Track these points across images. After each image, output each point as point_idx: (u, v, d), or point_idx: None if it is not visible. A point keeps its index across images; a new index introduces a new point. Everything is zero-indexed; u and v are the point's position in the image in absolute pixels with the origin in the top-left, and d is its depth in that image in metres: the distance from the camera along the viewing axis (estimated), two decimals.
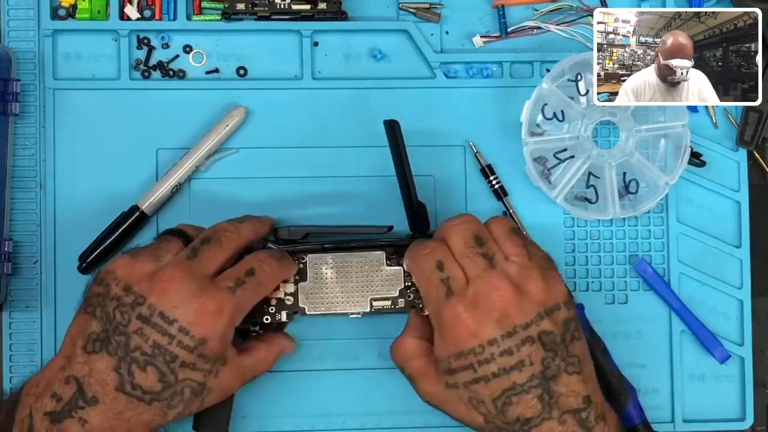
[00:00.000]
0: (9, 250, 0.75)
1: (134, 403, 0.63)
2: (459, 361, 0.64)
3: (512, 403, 0.63)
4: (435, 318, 0.66)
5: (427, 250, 0.66)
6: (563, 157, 0.77)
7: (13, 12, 0.77)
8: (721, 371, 0.79)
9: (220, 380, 0.66)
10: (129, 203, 0.75)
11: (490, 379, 0.63)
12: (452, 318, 0.64)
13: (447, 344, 0.64)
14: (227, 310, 0.64)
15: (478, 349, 0.63)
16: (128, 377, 0.63)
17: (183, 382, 0.64)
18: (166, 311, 0.63)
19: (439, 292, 0.65)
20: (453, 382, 0.65)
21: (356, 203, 0.77)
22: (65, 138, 0.76)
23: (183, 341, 0.63)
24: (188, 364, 0.63)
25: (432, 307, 0.66)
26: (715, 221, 0.79)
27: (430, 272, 0.65)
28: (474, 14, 0.79)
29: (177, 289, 0.63)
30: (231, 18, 0.77)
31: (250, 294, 0.66)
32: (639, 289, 0.79)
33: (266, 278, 0.67)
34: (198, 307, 0.63)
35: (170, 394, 0.64)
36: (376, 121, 0.73)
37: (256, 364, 0.69)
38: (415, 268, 0.67)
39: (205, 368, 0.64)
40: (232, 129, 0.76)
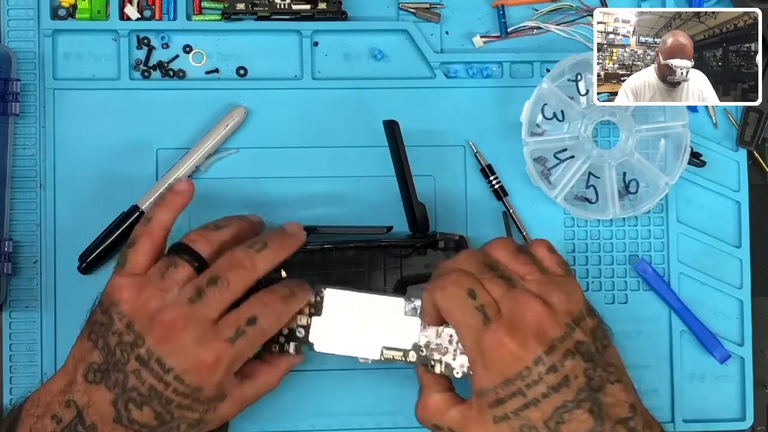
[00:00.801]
0: (9, 250, 0.75)
1: None
2: (507, 389, 0.61)
3: (564, 422, 0.61)
4: (475, 349, 0.62)
5: (452, 280, 0.63)
6: (563, 157, 0.77)
7: (13, 12, 0.77)
8: (721, 371, 0.79)
9: (219, 413, 0.66)
10: (129, 203, 0.75)
11: (540, 400, 0.61)
12: (496, 345, 0.61)
13: (492, 373, 0.62)
14: (225, 361, 0.63)
15: (525, 372, 0.61)
16: (125, 413, 0.63)
17: (179, 419, 0.64)
18: (163, 358, 0.62)
19: (477, 321, 0.62)
20: (502, 414, 0.62)
21: (356, 203, 0.77)
22: (65, 138, 0.76)
23: (178, 388, 0.63)
24: (184, 406, 0.63)
25: (470, 337, 0.62)
26: (715, 221, 0.79)
27: (463, 302, 0.62)
28: (474, 14, 0.79)
29: (175, 337, 0.62)
30: (231, 18, 0.77)
31: (251, 343, 0.64)
32: (639, 289, 0.79)
33: (269, 324, 0.65)
34: (194, 358, 0.62)
35: (167, 429, 0.64)
36: (376, 121, 0.73)
37: (259, 390, 0.68)
38: (445, 299, 0.63)
39: (202, 409, 0.64)
40: (232, 129, 0.76)
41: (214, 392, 0.64)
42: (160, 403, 0.63)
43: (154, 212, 0.67)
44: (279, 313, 0.65)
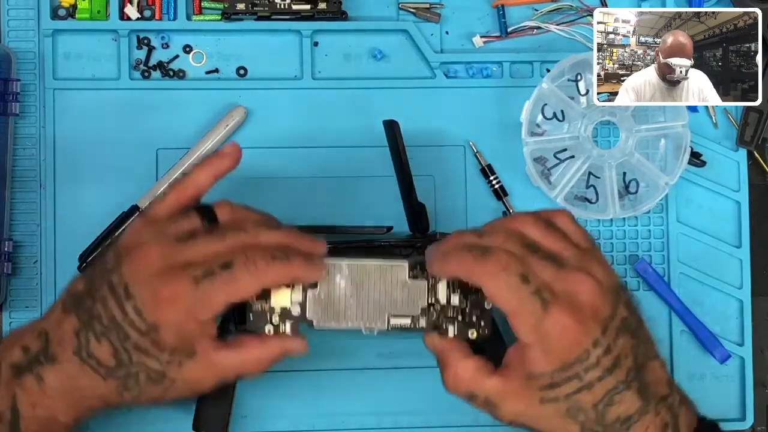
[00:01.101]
0: (9, 250, 0.75)
1: (89, 373, 0.61)
2: (563, 374, 0.59)
3: (614, 403, 0.60)
4: (533, 334, 0.59)
5: (502, 264, 0.59)
6: (563, 157, 0.77)
7: (13, 12, 0.77)
8: (721, 371, 0.79)
9: (186, 373, 0.61)
10: (129, 203, 0.75)
11: (594, 384, 0.59)
12: (560, 330, 0.59)
13: (551, 358, 0.59)
14: (184, 301, 0.59)
15: (584, 356, 0.59)
16: (85, 343, 0.61)
17: (138, 365, 0.60)
18: (130, 285, 0.60)
19: (535, 306, 0.58)
20: (553, 397, 0.60)
21: (356, 203, 0.77)
22: (65, 138, 0.76)
23: (135, 322, 0.60)
24: (141, 348, 0.60)
25: (528, 323, 0.59)
26: (715, 221, 0.79)
27: (518, 288, 0.59)
28: (474, 14, 0.79)
29: (145, 267, 0.60)
30: (231, 18, 0.77)
31: (219, 289, 0.59)
32: (639, 289, 0.79)
33: (244, 279, 0.60)
34: (153, 290, 0.59)
35: (124, 375, 0.61)
36: (376, 121, 0.73)
37: (241, 363, 0.63)
38: (498, 287, 0.59)
39: (162, 358, 0.60)
40: (232, 129, 0.76)
41: (174, 339, 0.60)
42: (118, 336, 0.60)
43: (192, 170, 0.65)
44: (260, 271, 0.60)
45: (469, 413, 0.65)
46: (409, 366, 0.77)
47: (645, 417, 0.61)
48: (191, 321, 0.60)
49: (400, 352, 0.77)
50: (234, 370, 0.63)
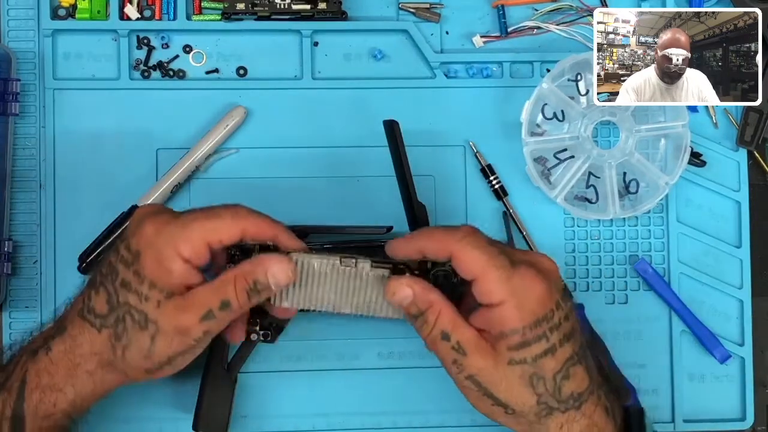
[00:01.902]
0: (9, 250, 0.75)
1: (87, 328, 0.63)
2: (534, 331, 0.61)
3: (570, 376, 0.62)
4: (505, 289, 0.61)
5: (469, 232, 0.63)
6: (563, 157, 0.77)
7: (13, 12, 0.77)
8: (721, 371, 0.79)
9: (166, 315, 0.62)
10: (129, 203, 0.75)
11: (557, 348, 0.62)
12: (529, 282, 0.62)
13: (524, 312, 0.61)
14: (166, 229, 0.62)
15: (549, 314, 0.62)
16: (87, 301, 0.64)
17: (124, 306, 0.62)
18: (127, 233, 0.64)
19: (504, 262, 0.62)
20: (520, 358, 0.62)
21: (356, 203, 0.77)
22: (65, 138, 0.76)
23: (124, 256, 0.63)
24: (125, 283, 0.62)
25: (498, 279, 0.61)
26: (715, 221, 0.79)
27: (485, 248, 0.62)
28: (474, 14, 0.79)
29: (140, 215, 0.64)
30: (231, 18, 0.77)
31: (199, 223, 0.62)
32: (639, 289, 0.79)
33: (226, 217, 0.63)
34: (141, 223, 0.63)
35: (114, 319, 0.63)
36: (376, 121, 0.73)
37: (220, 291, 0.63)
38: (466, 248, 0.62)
39: (142, 291, 0.62)
40: (232, 129, 0.76)
41: (153, 266, 0.62)
42: (111, 279, 0.63)
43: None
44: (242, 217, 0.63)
45: (469, 413, 0.65)
46: (409, 366, 0.77)
47: (591, 397, 0.64)
48: (172, 251, 0.62)
49: (400, 352, 0.77)
50: (216, 300, 0.63)
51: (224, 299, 0.63)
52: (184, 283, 0.63)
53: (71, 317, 0.65)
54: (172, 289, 0.62)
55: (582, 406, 0.63)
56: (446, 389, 0.66)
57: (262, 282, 0.63)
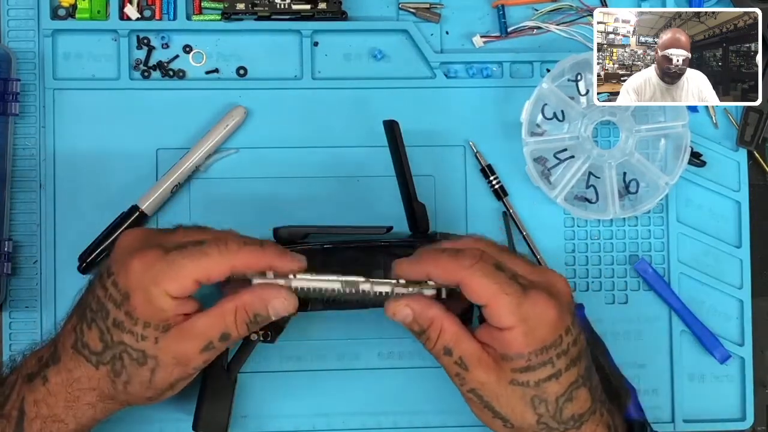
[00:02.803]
0: (9, 250, 0.75)
1: (83, 363, 0.63)
2: (540, 357, 0.61)
3: (572, 399, 0.62)
4: (515, 316, 0.60)
5: (476, 258, 0.61)
6: (563, 157, 0.77)
7: (13, 12, 0.77)
8: (721, 371, 0.79)
9: (165, 349, 0.61)
10: (129, 203, 0.75)
11: (562, 374, 0.61)
12: (541, 308, 0.60)
13: (531, 339, 0.60)
14: (152, 268, 0.60)
15: (558, 341, 0.61)
16: (80, 335, 0.63)
17: (119, 345, 0.61)
18: (111, 265, 0.62)
19: (514, 289, 0.60)
20: (524, 380, 0.61)
21: (356, 203, 0.77)
22: (65, 138, 0.76)
23: (113, 295, 0.61)
24: (118, 323, 0.61)
25: (508, 305, 0.60)
26: (715, 221, 0.79)
27: (494, 274, 0.60)
28: (474, 14, 0.79)
29: (125, 245, 0.62)
30: (231, 18, 0.77)
31: (187, 260, 0.60)
32: (639, 289, 0.79)
33: (214, 253, 0.60)
34: (128, 260, 0.61)
35: (111, 357, 0.62)
36: (376, 121, 0.73)
37: (219, 321, 0.62)
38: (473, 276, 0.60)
39: (137, 332, 0.61)
40: (232, 129, 0.76)
41: (144, 307, 0.60)
42: (101, 316, 0.61)
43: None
44: (231, 251, 0.61)
45: (469, 414, 0.65)
46: (409, 366, 0.77)
47: (593, 417, 0.63)
48: (161, 291, 0.60)
49: (400, 352, 0.77)
50: (215, 332, 0.62)
51: (224, 332, 0.62)
52: (178, 314, 0.62)
53: (65, 347, 0.63)
54: (168, 324, 0.61)
55: (582, 426, 0.63)
56: (446, 389, 0.66)
57: (262, 315, 0.62)
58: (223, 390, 0.73)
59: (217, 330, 0.62)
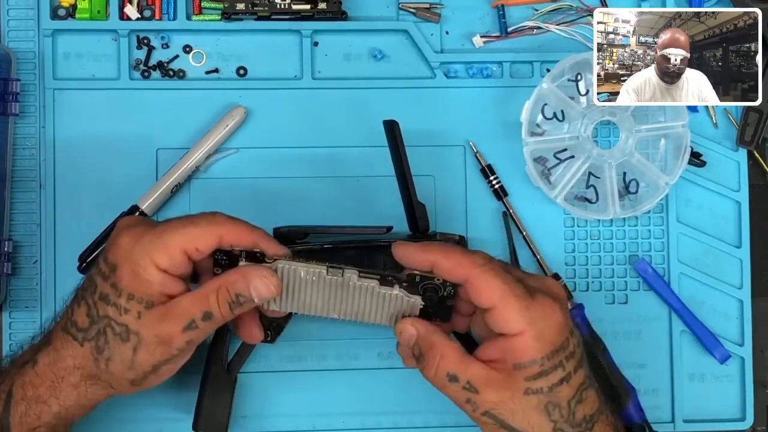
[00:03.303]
0: (9, 250, 0.75)
1: (70, 341, 0.63)
2: (551, 361, 0.61)
3: (582, 401, 0.62)
4: (523, 319, 0.60)
5: (486, 260, 0.61)
6: (563, 157, 0.77)
7: (13, 12, 0.77)
8: (721, 371, 0.79)
9: (148, 325, 0.61)
10: (129, 203, 0.75)
11: (572, 376, 0.61)
12: (549, 311, 0.61)
13: (542, 343, 0.60)
14: (142, 240, 0.61)
15: (565, 343, 0.61)
16: (70, 315, 0.64)
17: (104, 319, 0.62)
18: (106, 248, 0.64)
19: (521, 291, 0.61)
20: (538, 387, 0.61)
21: (356, 203, 0.77)
22: (65, 138, 0.76)
23: (102, 269, 0.63)
24: (104, 296, 0.62)
25: (517, 308, 0.60)
26: (715, 221, 0.79)
27: (503, 276, 0.61)
28: (474, 14, 0.79)
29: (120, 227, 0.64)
30: (231, 18, 0.77)
31: (175, 231, 0.62)
32: (639, 289, 0.79)
33: (202, 223, 0.62)
34: (118, 235, 0.62)
35: (95, 333, 0.62)
36: (376, 121, 0.73)
37: (202, 300, 0.62)
38: (483, 276, 0.61)
39: (120, 304, 0.61)
40: (232, 129, 0.76)
41: (130, 278, 0.61)
42: (90, 292, 0.63)
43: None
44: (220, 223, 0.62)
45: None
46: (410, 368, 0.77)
47: (602, 417, 0.63)
48: (149, 263, 0.61)
49: None
50: (197, 311, 0.62)
51: (207, 310, 0.62)
52: (164, 293, 0.62)
53: (56, 330, 0.65)
54: (152, 299, 0.62)
55: (594, 427, 0.63)
56: None
57: (244, 295, 0.62)
58: (223, 390, 0.73)
59: (199, 308, 0.62)
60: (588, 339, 0.76)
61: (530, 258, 0.78)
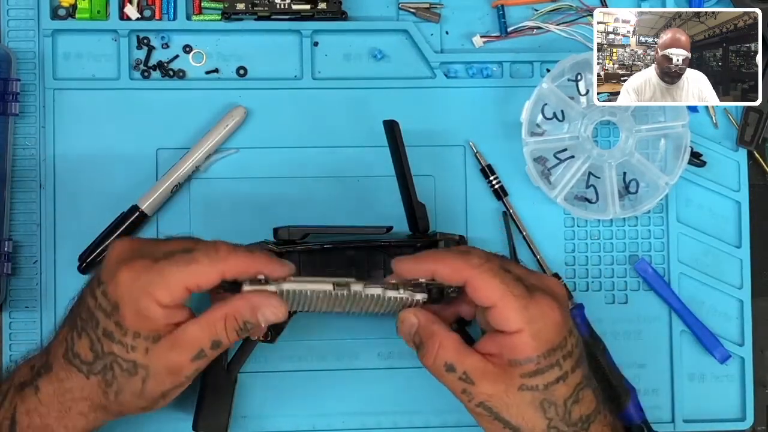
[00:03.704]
0: (9, 250, 0.75)
1: (74, 373, 0.62)
2: (548, 359, 0.61)
3: (579, 400, 0.62)
4: (522, 317, 0.60)
5: (483, 260, 0.61)
6: (563, 157, 0.77)
7: (13, 12, 0.77)
8: (721, 371, 0.79)
9: (156, 358, 0.61)
10: (129, 203, 0.75)
11: (569, 375, 0.61)
12: (547, 310, 0.61)
13: (539, 341, 0.60)
14: (141, 277, 0.59)
15: (563, 342, 0.61)
16: (71, 344, 0.62)
17: (110, 355, 0.61)
18: (102, 276, 0.62)
19: (520, 290, 0.61)
20: (533, 385, 0.61)
21: (356, 203, 0.77)
22: (65, 138, 0.76)
23: (102, 304, 0.61)
24: (108, 333, 0.61)
25: (516, 307, 0.60)
26: (715, 221, 0.79)
27: (502, 274, 0.61)
28: (474, 14, 0.79)
29: (116, 255, 0.62)
30: (231, 18, 0.77)
31: (176, 268, 0.60)
32: (639, 289, 0.79)
33: (204, 260, 0.60)
34: (117, 270, 0.60)
35: (102, 367, 0.61)
36: (376, 121, 0.73)
37: (209, 328, 0.61)
38: (481, 276, 0.61)
39: (126, 342, 0.60)
40: (232, 129, 0.76)
41: (133, 317, 0.60)
42: (92, 326, 0.61)
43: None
44: (221, 258, 0.60)
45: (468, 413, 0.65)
46: (409, 366, 0.77)
47: (599, 417, 0.63)
48: (151, 300, 0.60)
49: (400, 352, 0.77)
50: (206, 340, 0.62)
51: (215, 339, 0.62)
52: (169, 323, 0.61)
53: (56, 356, 0.63)
54: (159, 333, 0.61)
55: (590, 428, 0.63)
56: (446, 389, 0.66)
57: (251, 322, 0.62)
58: (223, 390, 0.73)
59: (208, 338, 0.62)
60: (588, 339, 0.76)
61: (530, 258, 0.78)
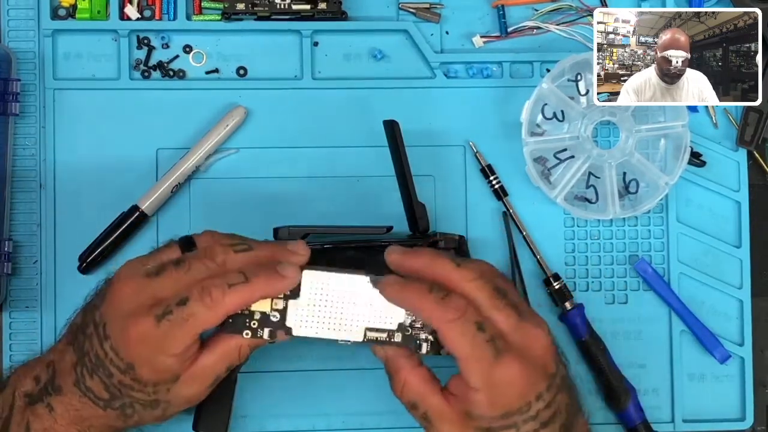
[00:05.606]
0: (9, 250, 0.75)
1: (89, 404, 0.63)
2: (503, 421, 0.60)
3: None
4: (483, 381, 0.59)
5: (459, 313, 0.59)
6: (563, 157, 0.77)
7: (13, 12, 0.77)
8: (721, 371, 0.79)
9: (177, 393, 0.63)
10: (129, 203, 0.75)
11: None
12: (508, 380, 0.59)
13: (495, 406, 0.59)
14: (150, 340, 0.60)
15: (525, 408, 0.60)
16: (81, 378, 0.63)
17: (129, 397, 0.62)
18: (107, 325, 0.62)
19: (489, 354, 0.59)
20: None
21: (356, 203, 0.77)
22: (65, 138, 0.76)
23: (114, 361, 0.61)
24: (125, 385, 0.62)
25: (479, 371, 0.59)
26: (715, 221, 0.79)
27: (472, 335, 0.59)
28: (474, 14, 0.79)
29: (118, 305, 0.61)
30: (231, 18, 0.77)
31: (178, 327, 0.60)
32: (639, 289, 0.79)
33: (201, 310, 0.60)
34: (123, 330, 0.61)
35: (120, 405, 0.63)
36: (376, 121, 0.73)
37: (224, 357, 0.63)
38: (451, 332, 0.59)
39: (148, 390, 0.62)
40: (232, 129, 0.76)
41: (151, 374, 0.61)
42: (105, 373, 0.62)
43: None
44: (216, 302, 0.60)
45: None
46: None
47: None
48: (164, 356, 0.61)
49: None
50: (222, 369, 0.64)
51: (230, 365, 0.64)
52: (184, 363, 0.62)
53: (65, 380, 0.63)
54: (177, 376, 0.62)
55: None
56: None
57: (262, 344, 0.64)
58: (223, 390, 0.72)
59: (224, 367, 0.64)
60: (588, 339, 0.76)
61: (530, 258, 0.78)
